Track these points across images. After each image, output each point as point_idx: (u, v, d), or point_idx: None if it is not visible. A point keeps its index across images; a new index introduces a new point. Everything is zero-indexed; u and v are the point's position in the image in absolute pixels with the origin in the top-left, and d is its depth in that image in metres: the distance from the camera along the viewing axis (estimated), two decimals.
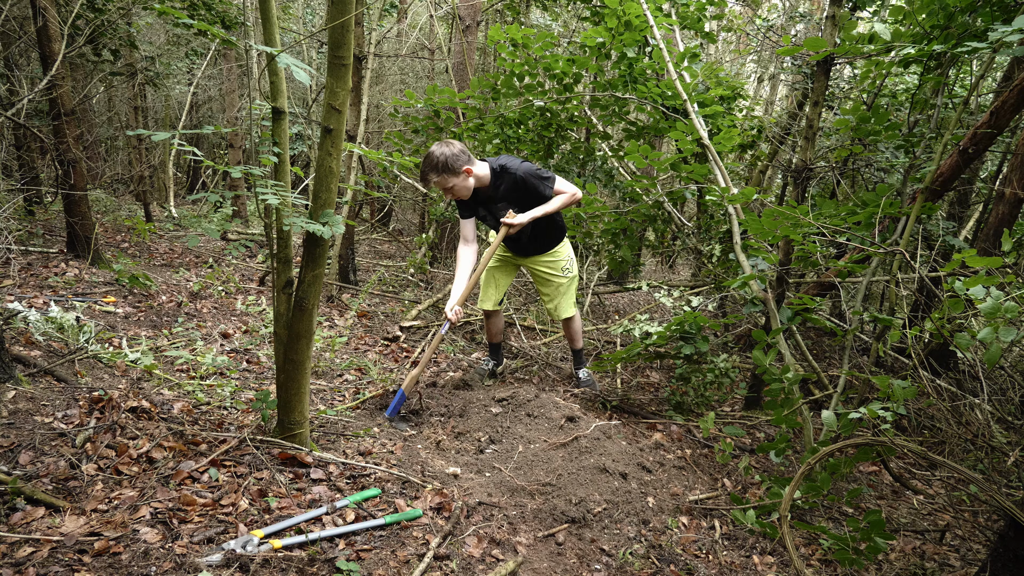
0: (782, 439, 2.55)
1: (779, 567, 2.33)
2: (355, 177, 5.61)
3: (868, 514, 2.11)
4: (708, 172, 3.74)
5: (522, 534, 2.28)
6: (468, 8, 6.70)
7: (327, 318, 4.84)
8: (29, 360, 2.80)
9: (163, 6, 3.47)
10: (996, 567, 2.04)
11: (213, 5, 5.37)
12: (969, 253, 2.03)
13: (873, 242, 2.88)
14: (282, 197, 2.08)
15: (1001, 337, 1.78)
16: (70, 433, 2.29)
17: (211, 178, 11.32)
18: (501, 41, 4.23)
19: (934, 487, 3.25)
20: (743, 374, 4.15)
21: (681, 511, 2.60)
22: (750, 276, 2.95)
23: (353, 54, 2.12)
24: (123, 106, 10.16)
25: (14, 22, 5.53)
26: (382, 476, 2.45)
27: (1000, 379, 3.89)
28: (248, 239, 7.46)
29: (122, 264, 4.87)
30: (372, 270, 6.96)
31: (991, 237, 3.88)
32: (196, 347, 3.68)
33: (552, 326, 5.24)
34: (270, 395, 2.58)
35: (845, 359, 3.34)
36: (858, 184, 6.02)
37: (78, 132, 4.72)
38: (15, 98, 5.22)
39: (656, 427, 3.41)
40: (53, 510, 1.93)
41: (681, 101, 3.87)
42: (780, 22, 7.37)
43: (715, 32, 8.34)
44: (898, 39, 3.07)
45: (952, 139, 3.31)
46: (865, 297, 4.54)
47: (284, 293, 2.37)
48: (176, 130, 2.15)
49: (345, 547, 2.02)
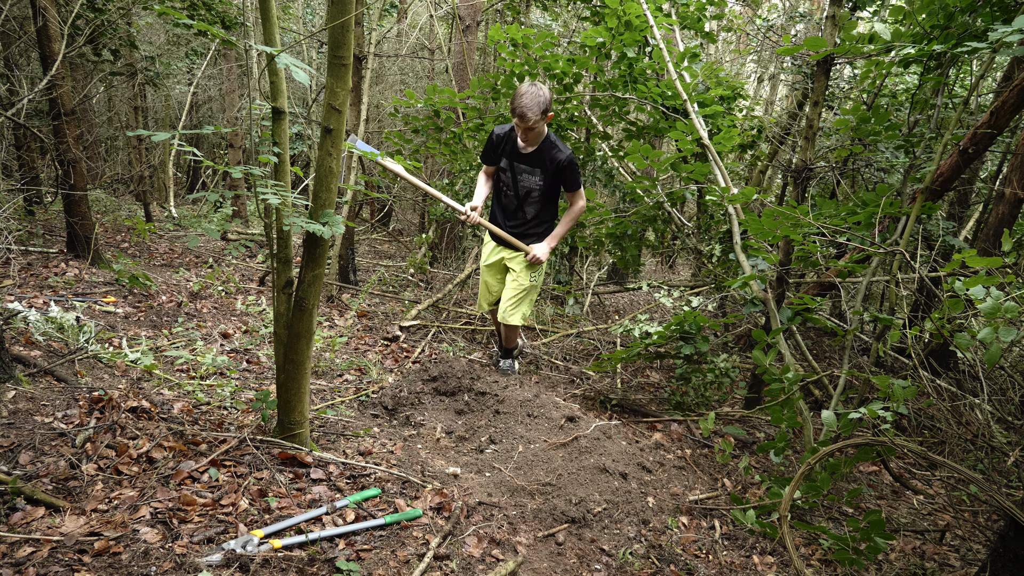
0: (782, 438, 2.55)
1: (779, 567, 2.33)
2: (355, 177, 5.61)
3: (868, 514, 2.11)
4: (708, 172, 3.74)
5: (522, 534, 2.28)
6: (468, 8, 6.70)
7: (327, 318, 4.84)
8: (29, 360, 2.80)
9: (163, 6, 3.48)
10: (996, 567, 2.04)
11: (213, 5, 5.37)
12: (969, 253, 2.03)
13: (873, 242, 2.88)
14: (282, 197, 2.08)
15: (1001, 337, 1.78)
16: (70, 433, 2.29)
17: (211, 178, 11.31)
18: (501, 41, 4.23)
19: (934, 487, 3.25)
20: (743, 374, 4.15)
21: (681, 511, 2.60)
22: (750, 276, 2.95)
23: (353, 54, 2.12)
24: (123, 106, 10.16)
25: (14, 22, 5.53)
26: (382, 476, 2.45)
27: (1000, 379, 3.89)
28: (248, 239, 7.46)
29: (122, 264, 4.87)
30: (372, 270, 6.96)
31: (991, 237, 3.88)
32: (196, 347, 3.68)
33: (552, 326, 5.24)
34: (270, 395, 2.58)
35: (845, 359, 3.34)
36: (858, 184, 6.02)
37: (78, 132, 4.72)
38: (15, 98, 5.21)
39: (656, 427, 3.41)
40: (53, 510, 1.93)
41: (681, 101, 3.87)
42: (780, 22, 7.37)
43: (715, 32, 8.33)
44: (898, 39, 3.07)
45: (952, 139, 3.31)
46: (865, 297, 4.54)
47: (284, 293, 2.37)
48: (176, 130, 2.15)
49: (345, 547, 2.02)
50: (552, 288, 5.72)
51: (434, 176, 8.55)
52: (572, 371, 4.31)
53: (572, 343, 4.96)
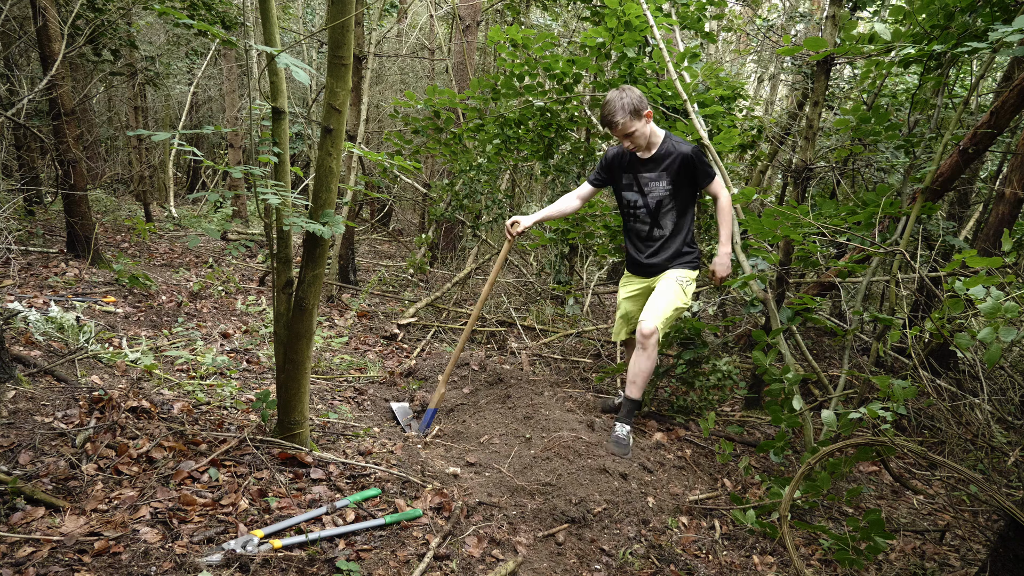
0: (781, 438, 2.55)
1: (779, 567, 2.33)
2: (355, 177, 5.61)
3: (868, 514, 2.11)
4: None
5: (522, 534, 2.28)
6: (468, 8, 6.70)
7: (327, 318, 4.84)
8: (29, 360, 2.80)
9: (163, 6, 3.47)
10: (996, 567, 2.04)
11: (213, 5, 5.37)
12: (969, 253, 2.03)
13: (873, 242, 2.88)
14: (282, 197, 2.08)
15: (1001, 337, 1.78)
16: (70, 433, 2.29)
17: (211, 178, 11.32)
18: (501, 41, 4.22)
19: (934, 487, 3.25)
20: (743, 374, 4.15)
21: (681, 511, 2.60)
22: (750, 276, 2.95)
23: (353, 54, 2.12)
24: (123, 106, 10.16)
25: (14, 22, 5.53)
26: (382, 476, 2.45)
27: (1000, 379, 3.89)
28: (248, 239, 7.46)
29: (122, 264, 4.87)
30: (372, 270, 6.96)
31: (991, 237, 3.88)
32: (196, 347, 3.68)
33: (552, 326, 5.24)
34: (270, 395, 2.58)
35: (845, 359, 3.34)
36: (858, 184, 6.02)
37: (78, 132, 4.72)
38: (15, 98, 5.21)
39: (656, 427, 3.41)
40: (53, 510, 1.93)
41: (681, 101, 3.87)
42: (780, 22, 7.37)
43: (715, 32, 8.33)
44: (898, 39, 3.07)
45: (952, 139, 3.31)
46: (865, 297, 4.54)
47: (284, 293, 2.37)
48: (176, 130, 2.15)
49: (345, 547, 2.02)
50: (552, 288, 5.72)
51: (434, 176, 8.56)
52: (573, 372, 4.30)
53: (572, 343, 4.96)
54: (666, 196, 3.06)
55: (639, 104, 2.86)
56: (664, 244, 3.12)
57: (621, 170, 3.14)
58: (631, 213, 3.17)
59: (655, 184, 3.06)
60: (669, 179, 3.03)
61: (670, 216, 3.09)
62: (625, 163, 3.11)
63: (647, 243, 3.16)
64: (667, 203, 3.08)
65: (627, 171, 3.12)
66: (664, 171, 3.03)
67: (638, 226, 3.16)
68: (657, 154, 3.03)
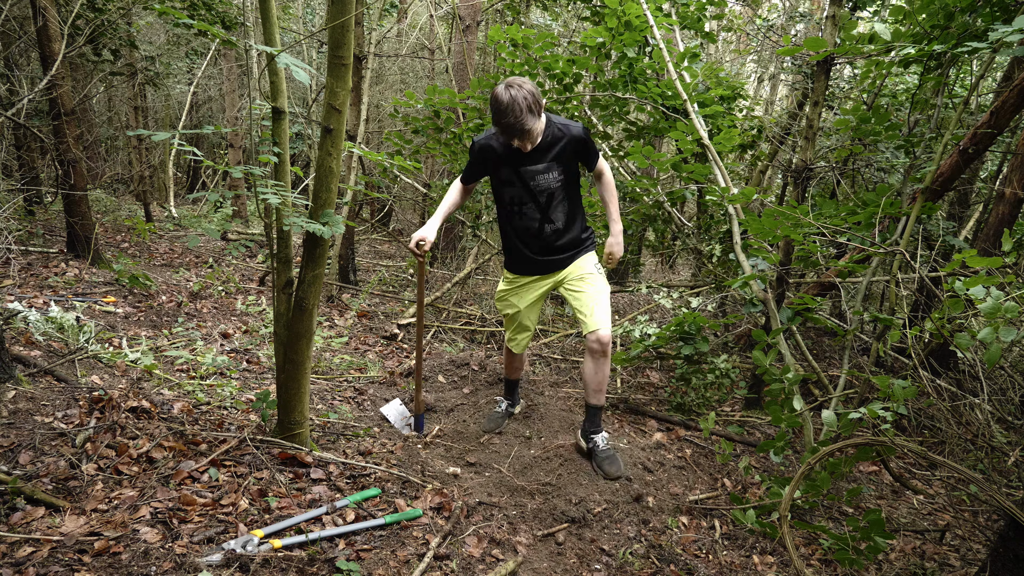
0: (781, 438, 2.55)
1: (779, 567, 2.33)
2: (355, 177, 5.61)
3: (868, 514, 2.11)
4: (708, 172, 3.74)
5: (522, 534, 2.28)
6: (468, 8, 6.70)
7: (327, 318, 4.84)
8: (29, 360, 2.80)
9: (163, 6, 3.47)
10: (996, 567, 2.04)
11: (213, 5, 5.38)
12: (969, 253, 2.02)
13: (873, 242, 2.88)
14: (282, 197, 2.08)
15: (1001, 337, 1.78)
16: (70, 433, 2.29)
17: (211, 178, 11.32)
18: (501, 41, 4.23)
19: (934, 487, 3.25)
20: (743, 374, 4.15)
21: (681, 511, 2.60)
22: (750, 276, 2.95)
23: (353, 54, 2.12)
24: (123, 106, 10.16)
25: (14, 22, 5.53)
26: (382, 476, 2.45)
27: (1000, 379, 3.88)
28: (248, 239, 7.46)
29: (122, 264, 4.87)
30: (372, 270, 6.96)
31: (991, 237, 3.88)
32: (196, 347, 3.68)
33: (551, 326, 5.24)
34: (270, 395, 2.59)
35: (845, 359, 3.34)
36: (858, 184, 6.02)
37: (78, 132, 4.72)
38: (15, 98, 5.21)
39: (656, 427, 3.41)
40: (53, 510, 1.93)
41: (681, 101, 3.87)
42: (780, 22, 7.37)
43: (715, 32, 8.33)
44: (898, 39, 3.07)
45: (952, 139, 3.30)
46: (865, 297, 4.54)
47: (284, 293, 2.37)
48: (176, 130, 2.15)
49: (345, 547, 2.02)
50: None
51: (434, 176, 8.55)
52: (573, 372, 4.30)
53: (572, 343, 4.96)
54: (557, 188, 2.68)
55: (538, 97, 2.44)
56: (560, 237, 2.77)
57: (499, 163, 2.68)
58: (514, 211, 2.75)
59: (543, 177, 2.65)
60: (560, 168, 2.65)
61: (561, 207, 2.72)
62: (503, 155, 2.65)
63: (538, 239, 2.77)
64: (558, 195, 2.70)
65: (506, 164, 2.66)
66: (553, 160, 2.63)
67: (525, 223, 2.75)
68: (542, 143, 2.60)
